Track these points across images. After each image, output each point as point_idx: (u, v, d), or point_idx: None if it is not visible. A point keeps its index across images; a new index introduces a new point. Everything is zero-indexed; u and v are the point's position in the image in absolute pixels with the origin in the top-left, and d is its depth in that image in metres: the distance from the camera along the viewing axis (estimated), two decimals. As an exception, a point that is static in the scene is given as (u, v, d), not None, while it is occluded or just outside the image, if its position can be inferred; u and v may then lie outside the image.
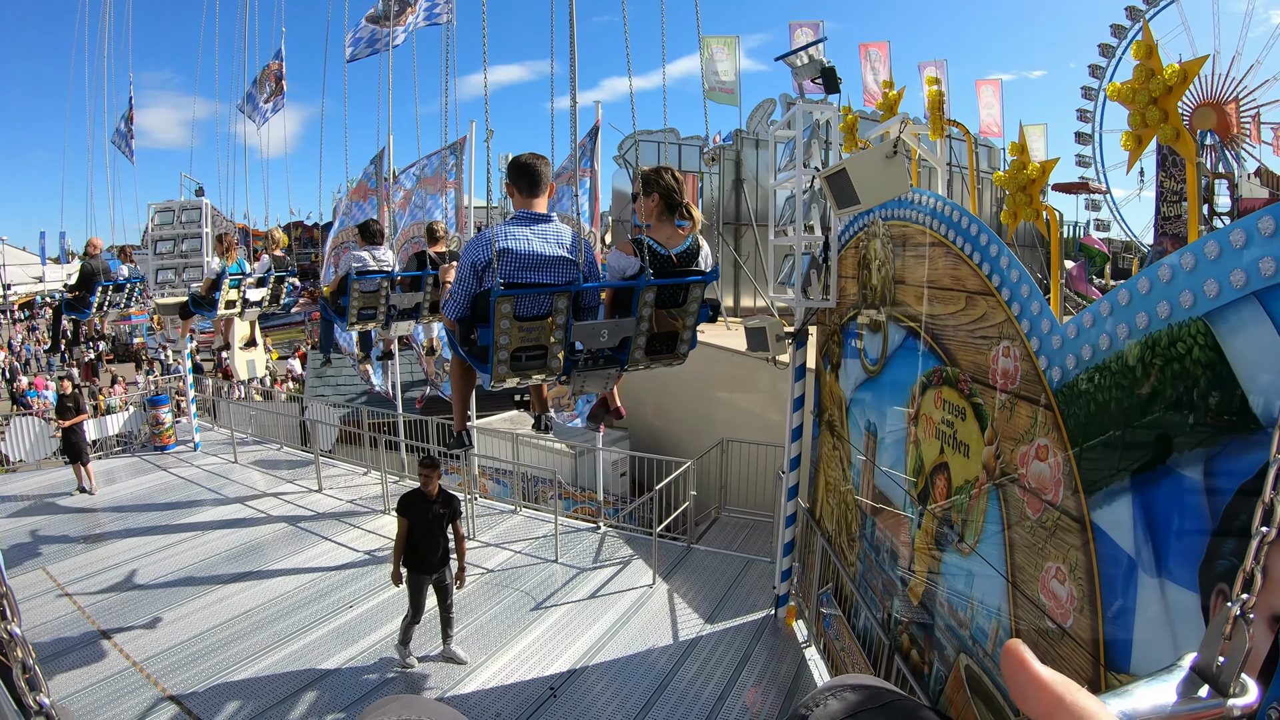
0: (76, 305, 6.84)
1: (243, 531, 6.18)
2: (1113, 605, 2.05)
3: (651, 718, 3.98)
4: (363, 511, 6.54)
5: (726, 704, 4.11)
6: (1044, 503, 2.36)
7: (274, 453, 8.19)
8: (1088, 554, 2.14)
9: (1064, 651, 2.27)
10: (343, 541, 5.97)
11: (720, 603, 5.10)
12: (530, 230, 2.46)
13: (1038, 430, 2.41)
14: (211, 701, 4.02)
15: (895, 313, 3.60)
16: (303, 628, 4.78)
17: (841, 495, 4.30)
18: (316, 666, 4.36)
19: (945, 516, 3.08)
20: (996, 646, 2.68)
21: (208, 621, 4.82)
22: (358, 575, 5.45)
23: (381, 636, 4.70)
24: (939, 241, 3.24)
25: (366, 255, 4.77)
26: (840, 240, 4.31)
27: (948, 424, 3.08)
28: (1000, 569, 2.65)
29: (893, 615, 3.58)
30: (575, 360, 2.61)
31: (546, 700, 4.12)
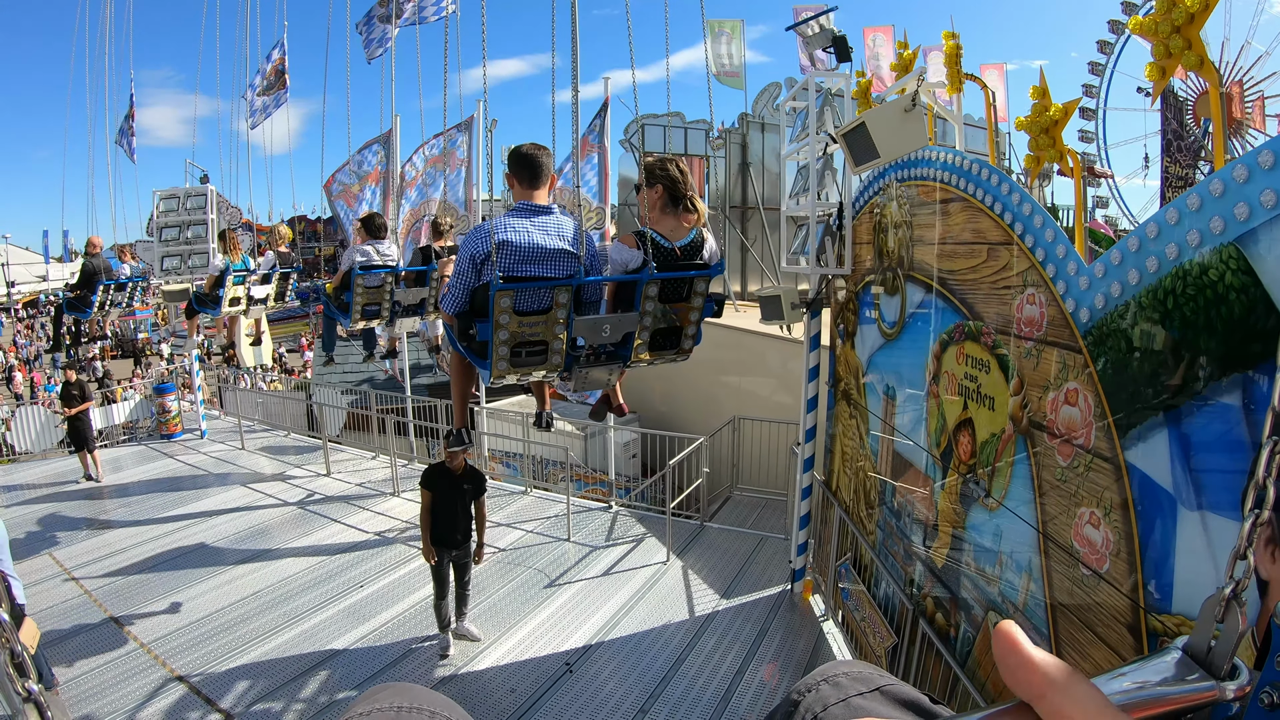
0: (78, 304, 6.80)
1: (250, 515, 6.13)
2: (1151, 545, 2.00)
3: (669, 692, 3.92)
4: (372, 494, 6.49)
5: (744, 678, 4.05)
6: (1075, 447, 2.31)
7: (281, 439, 8.14)
8: (1123, 495, 2.10)
9: (1100, 598, 2.22)
10: (352, 523, 5.91)
11: (735, 579, 5.04)
12: (531, 222, 2.40)
13: (1067, 374, 2.37)
14: (221, 682, 3.96)
15: (914, 273, 3.55)
16: (313, 607, 4.73)
17: (859, 464, 4.24)
18: (327, 645, 4.30)
19: (970, 473, 3.02)
20: (1028, 600, 2.62)
21: (216, 603, 4.77)
22: (368, 556, 5.40)
23: (393, 615, 4.64)
24: (958, 196, 3.19)
25: (370, 249, 4.67)
26: (854, 207, 4.26)
27: (970, 379, 3.03)
28: (1030, 520, 2.59)
29: (916, 580, 3.52)
30: (577, 356, 2.55)
31: (562, 676, 4.06)
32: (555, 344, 2.43)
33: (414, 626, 4.50)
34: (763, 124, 9.94)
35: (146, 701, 3.82)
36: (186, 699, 3.85)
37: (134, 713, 3.74)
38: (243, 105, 7.97)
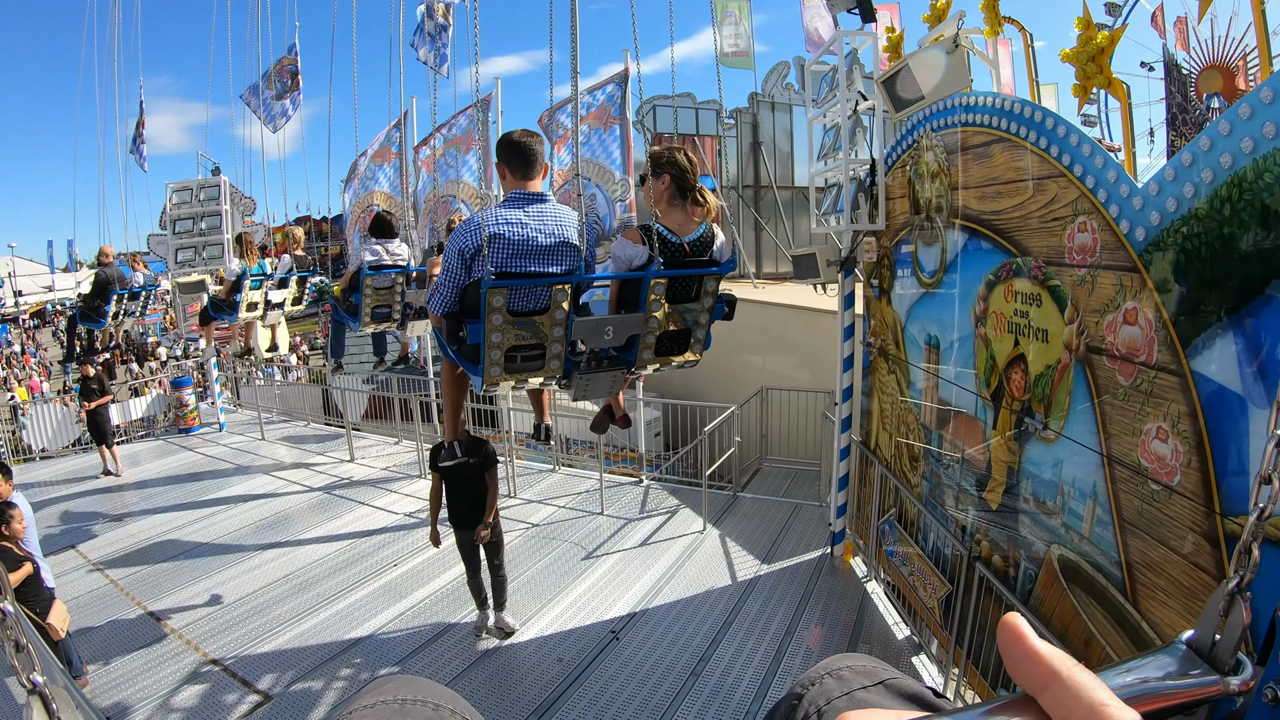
0: (92, 315, 6.71)
1: (275, 501, 6.06)
2: (1224, 448, 2.01)
3: (719, 654, 3.87)
4: (398, 477, 6.43)
5: (794, 638, 4.00)
6: (1137, 365, 2.32)
7: (301, 429, 8.07)
8: (1191, 404, 2.10)
9: (1173, 511, 2.19)
10: (381, 505, 5.85)
11: (774, 545, 4.99)
12: (524, 213, 2.24)
13: (1124, 295, 2.38)
14: (256, 664, 3.87)
15: (954, 220, 3.54)
16: (346, 588, 4.66)
17: (900, 418, 4.21)
18: (364, 624, 4.23)
19: (1025, 408, 3.00)
20: (1094, 528, 2.59)
21: (245, 588, 4.70)
22: (399, 536, 5.33)
23: (430, 592, 4.58)
24: (999, 138, 3.18)
25: (380, 249, 4.53)
26: (887, 163, 4.25)
27: (1021, 314, 3.02)
28: (1094, 445, 2.57)
29: (968, 527, 3.49)
30: (577, 361, 2.38)
31: (609, 643, 4.01)
32: (553, 347, 2.25)
33: (451, 603, 4.44)
34: (773, 103, 9.97)
35: (181, 686, 3.73)
36: (222, 681, 3.77)
37: (168, 697, 3.65)
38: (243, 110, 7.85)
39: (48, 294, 14.72)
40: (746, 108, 10.08)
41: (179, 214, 6.67)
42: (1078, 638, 2.67)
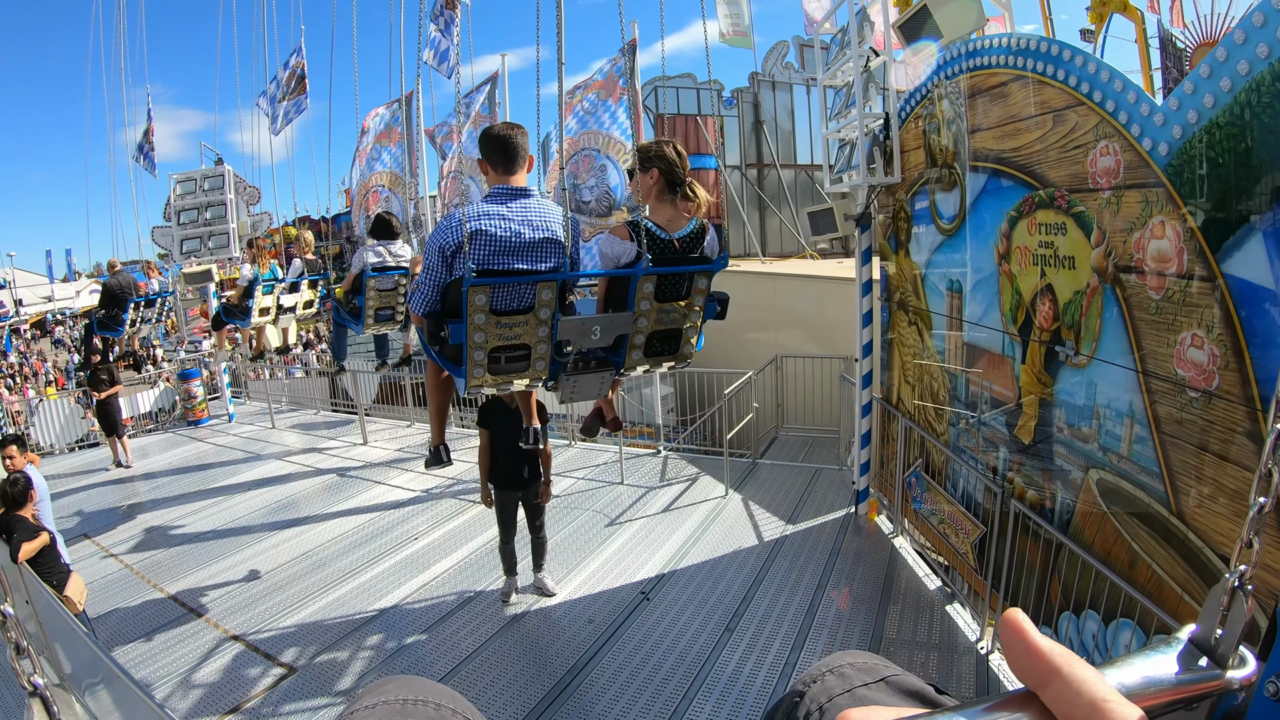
0: (109, 324, 6.64)
1: (289, 485, 5.99)
2: (1262, 345, 2.03)
3: (752, 611, 3.84)
4: (413, 457, 6.37)
5: (825, 592, 3.98)
6: (1167, 278, 2.36)
7: (311, 417, 8.00)
8: (1225, 308, 2.14)
9: (1214, 415, 2.21)
10: (398, 484, 5.79)
11: (797, 506, 4.97)
12: (507, 208, 2.16)
13: (1151, 211, 2.43)
14: (279, 638, 3.80)
15: (973, 162, 3.55)
16: (367, 562, 4.61)
17: (922, 369, 4.21)
18: (386, 596, 4.18)
19: (1055, 336, 3.01)
20: (1132, 445, 2.60)
21: (264, 566, 4.64)
22: (418, 511, 5.28)
23: (454, 563, 4.53)
24: (1016, 76, 3.21)
25: (383, 250, 4.52)
26: (900, 116, 4.27)
27: (1046, 245, 3.04)
28: (1128, 363, 2.58)
29: (999, 466, 3.48)
30: (564, 362, 2.31)
31: (640, 604, 3.97)
32: (539, 348, 2.18)
33: (475, 573, 4.39)
34: (773, 82, 10.03)
35: (202, 662, 3.64)
36: (245, 656, 3.68)
37: (189, 673, 3.55)
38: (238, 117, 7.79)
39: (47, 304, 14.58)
40: (747, 87, 10.17)
41: (183, 204, 6.62)
42: (1122, 560, 2.67)
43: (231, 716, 3.22)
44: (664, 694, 3.24)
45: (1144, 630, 2.56)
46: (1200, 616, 0.37)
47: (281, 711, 3.23)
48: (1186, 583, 2.36)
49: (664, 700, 3.19)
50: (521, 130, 2.28)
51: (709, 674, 3.34)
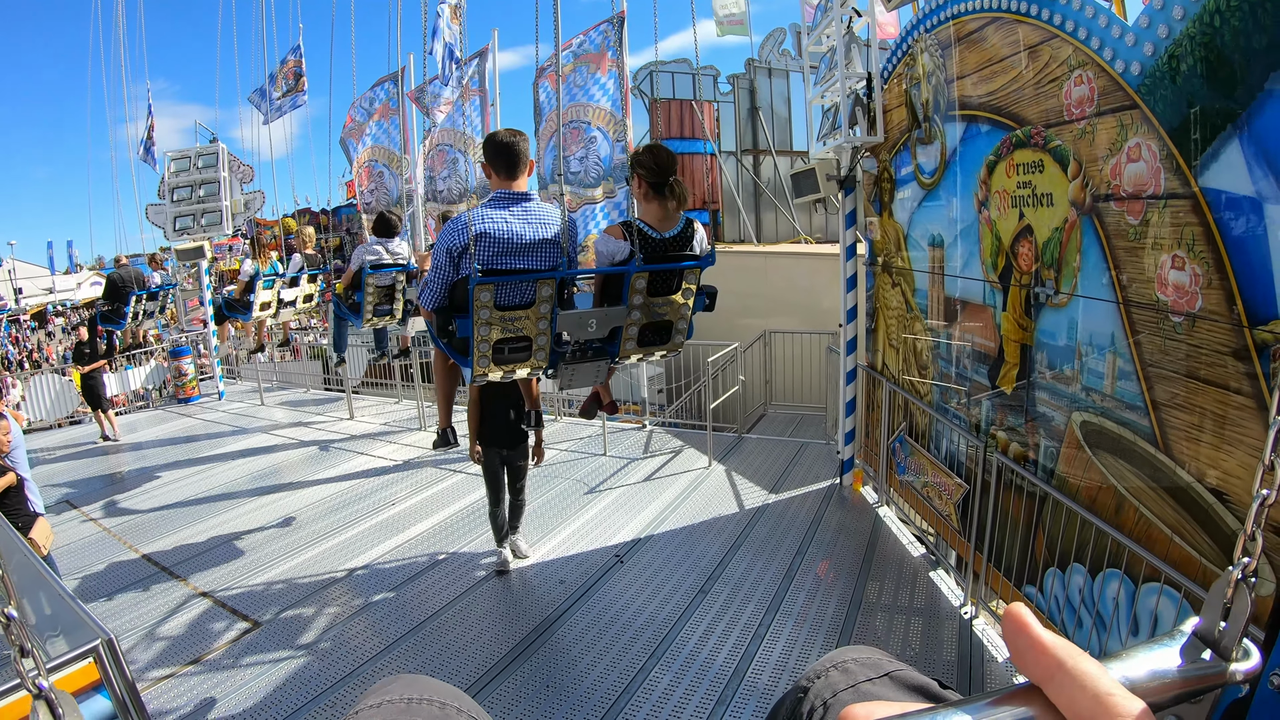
0: (112, 317, 6.73)
1: (273, 456, 5.96)
2: (1244, 257, 1.97)
3: (728, 574, 3.73)
4: (398, 430, 6.33)
5: (805, 558, 3.86)
6: (1145, 201, 2.30)
7: (301, 395, 8.00)
8: (1204, 222, 2.08)
9: (1199, 339, 2.11)
10: (380, 454, 5.74)
11: (781, 477, 4.85)
12: (509, 212, 2.32)
13: (1126, 134, 2.40)
14: (247, 596, 3.75)
15: (951, 112, 3.49)
16: (342, 525, 4.55)
17: (906, 331, 4.10)
18: (359, 556, 4.12)
19: (1035, 278, 2.91)
20: (1116, 382, 2.49)
21: (240, 528, 4.60)
22: (398, 479, 5.22)
23: (429, 526, 4.46)
24: (991, 19, 3.16)
25: (380, 249, 4.63)
26: (883, 76, 4.21)
27: (1024, 185, 2.97)
28: (1108, 295, 2.49)
29: (982, 422, 3.37)
30: (562, 352, 2.44)
31: (613, 566, 3.87)
32: (539, 340, 2.33)
33: (450, 535, 4.32)
34: (769, 69, 10.02)
35: (168, 617, 3.61)
36: (211, 611, 3.64)
37: (155, 627, 3.53)
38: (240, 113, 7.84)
39: (48, 295, 14.78)
40: (744, 73, 10.16)
41: (177, 182, 6.68)
42: (1108, 508, 2.55)
43: (191, 667, 3.17)
44: (630, 653, 3.13)
45: (1132, 579, 2.43)
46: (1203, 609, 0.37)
47: (241, 664, 3.18)
48: (1177, 524, 2.24)
49: (629, 659, 3.09)
50: (523, 137, 2.43)
51: (678, 636, 3.23)
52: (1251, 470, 1.93)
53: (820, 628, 3.23)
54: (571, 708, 2.82)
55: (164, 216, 6.74)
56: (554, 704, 2.84)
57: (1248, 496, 1.99)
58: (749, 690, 2.86)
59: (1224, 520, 2.06)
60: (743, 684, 2.90)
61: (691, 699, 2.83)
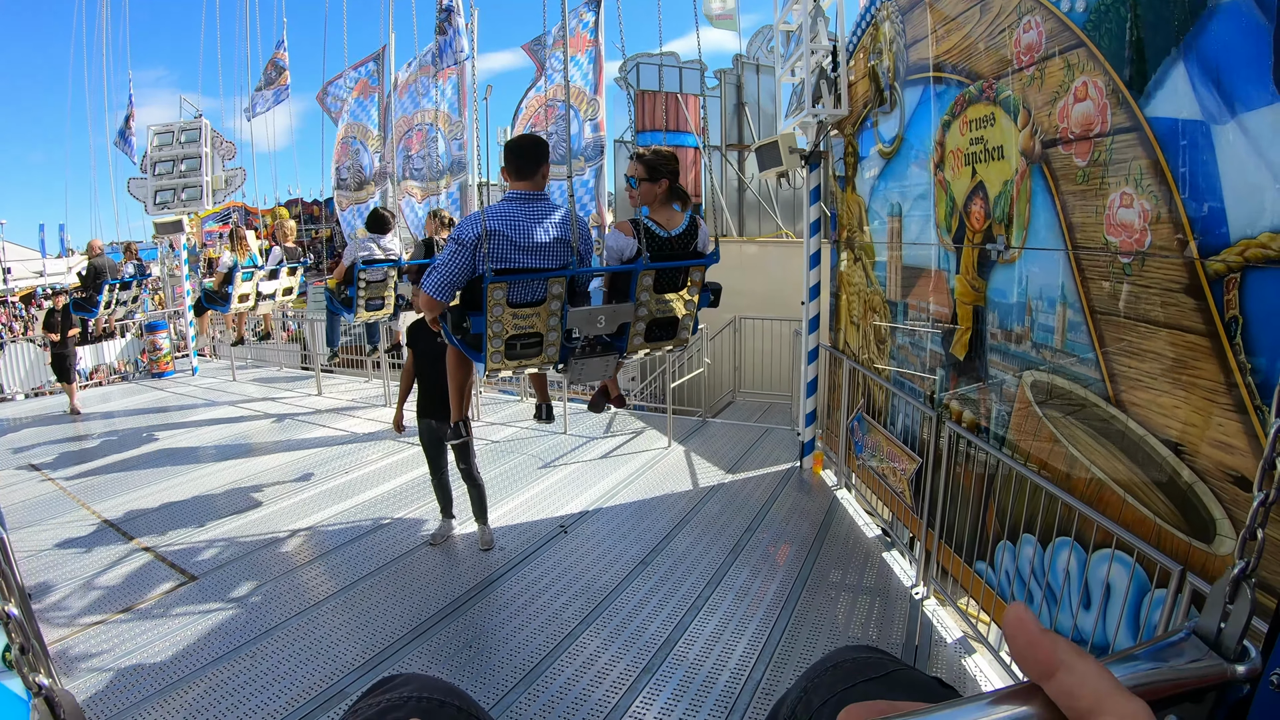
0: (84, 305, 6.76)
1: (237, 426, 5.91)
2: (1193, 186, 1.89)
3: (673, 547, 3.61)
4: (363, 406, 6.26)
5: (755, 534, 3.73)
6: (1093, 140, 2.24)
7: (274, 372, 7.95)
8: (1152, 154, 2.02)
9: (1149, 278, 2.04)
10: (342, 427, 5.67)
11: (741, 459, 4.74)
12: (523, 211, 2.38)
13: (1073, 74, 2.37)
14: (189, 551, 3.71)
15: (910, 76, 3.44)
16: (293, 490, 4.49)
17: (866, 306, 4.01)
18: (304, 519, 4.05)
19: (986, 235, 2.84)
20: (1066, 335, 2.41)
21: (193, 491, 4.54)
22: (357, 450, 5.15)
23: (377, 494, 4.38)
24: (949, -23, 3.13)
25: (373, 245, 4.67)
26: (848, 50, 4.18)
27: (977, 141, 2.91)
28: (1058, 243, 2.41)
29: (935, 393, 3.26)
30: (572, 348, 2.49)
31: (556, 536, 3.76)
32: (550, 335, 2.38)
33: (396, 503, 4.23)
34: (757, 65, 10.05)
35: (108, 568, 3.57)
36: (151, 565, 3.59)
37: (94, 578, 3.49)
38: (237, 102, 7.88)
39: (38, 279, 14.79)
40: (731, 69, 10.19)
41: (159, 156, 6.73)
42: (1058, 472, 2.44)
43: (122, 615, 3.13)
44: (561, 618, 3.02)
45: (1083, 546, 2.31)
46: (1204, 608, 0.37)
47: (170, 613, 3.13)
48: (1130, 483, 2.13)
49: (559, 624, 2.97)
50: (544, 143, 2.51)
51: (612, 604, 3.12)
52: (1206, 416, 1.84)
53: (761, 603, 3.10)
54: (493, 667, 2.71)
55: (145, 190, 6.78)
56: (475, 663, 2.73)
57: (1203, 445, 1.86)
58: (677, 660, 2.74)
59: (1178, 473, 1.95)
60: (671, 653, 2.78)
61: (618, 664, 2.72)
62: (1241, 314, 1.74)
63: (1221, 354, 1.80)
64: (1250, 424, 1.73)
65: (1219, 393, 1.82)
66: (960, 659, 2.80)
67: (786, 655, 2.73)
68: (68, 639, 2.98)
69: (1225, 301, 1.79)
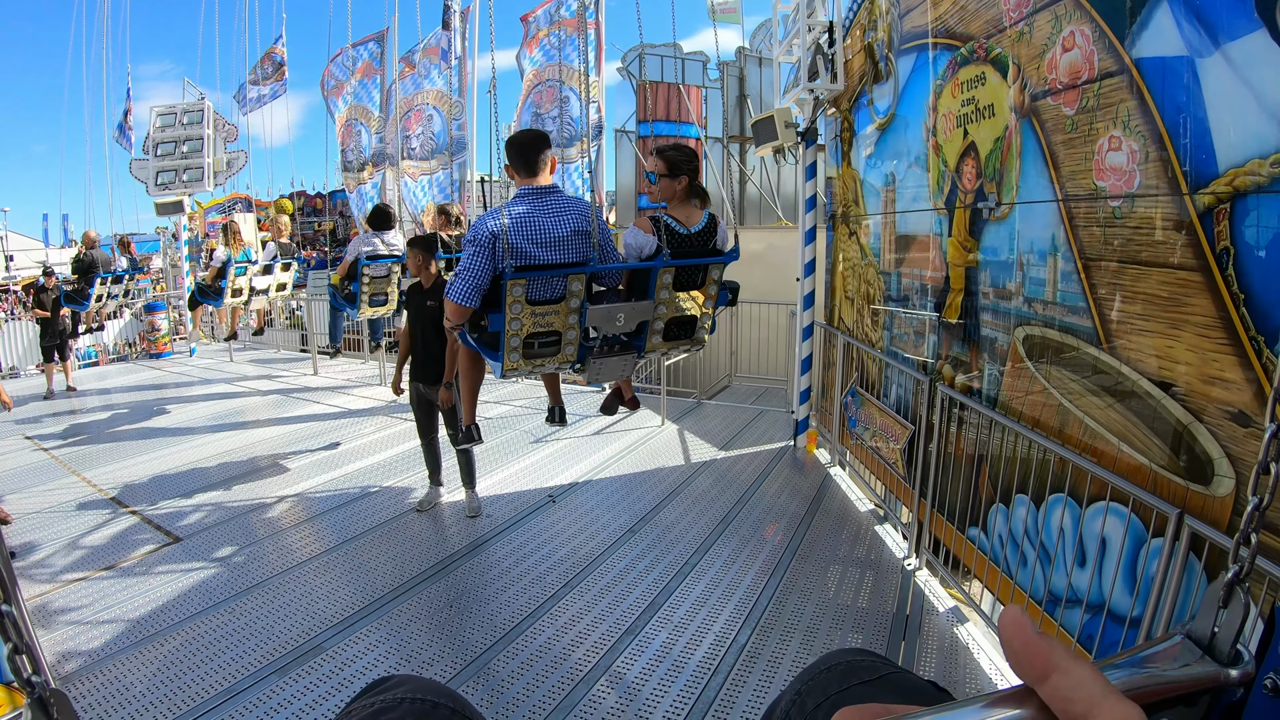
0: (75, 297, 6.78)
1: (231, 401, 5.90)
2: (1180, 121, 1.87)
3: (661, 518, 3.57)
4: (358, 385, 6.24)
5: (745, 507, 3.68)
6: (1080, 87, 2.22)
7: (272, 354, 7.95)
8: (1139, 94, 2.03)
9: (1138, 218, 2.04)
10: (336, 403, 5.65)
11: (734, 438, 4.69)
12: (536, 206, 2.32)
13: (1060, 24, 2.37)
14: (175, 514, 3.70)
15: (903, 45, 3.44)
16: (284, 460, 4.48)
17: (860, 279, 3.98)
18: (294, 486, 4.03)
19: (978, 194, 2.81)
20: (1059, 285, 2.38)
21: (184, 461, 4.52)
22: (348, 424, 5.12)
23: (368, 464, 4.35)
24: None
25: (377, 241, 4.67)
26: (844, 26, 4.18)
27: (969, 102, 2.90)
28: (1048, 194, 2.38)
29: (928, 359, 3.22)
30: (590, 347, 2.46)
31: (545, 505, 3.72)
32: (569, 334, 2.35)
33: (386, 472, 4.20)
34: (760, 58, 10.09)
35: (94, 529, 3.56)
36: (136, 527, 3.59)
37: (78, 538, 3.47)
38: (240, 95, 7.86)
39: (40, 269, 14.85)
40: (734, 61, 10.23)
41: (162, 137, 6.78)
42: (1051, 426, 2.40)
43: (104, 573, 3.12)
44: (545, 581, 2.98)
45: (1077, 501, 2.26)
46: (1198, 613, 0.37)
47: (153, 571, 3.12)
48: (1124, 430, 2.09)
49: (543, 587, 2.93)
50: (546, 137, 2.46)
51: (598, 569, 3.08)
52: (1200, 353, 1.81)
53: (749, 570, 3.05)
54: (473, 626, 2.66)
55: (147, 171, 6.83)
56: (455, 621, 2.69)
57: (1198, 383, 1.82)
58: (661, 623, 2.69)
59: (1171, 414, 1.91)
60: (655, 616, 2.73)
61: (599, 626, 2.67)
62: (1233, 244, 1.71)
63: (1214, 287, 1.77)
64: (1246, 356, 1.69)
65: (1213, 327, 1.78)
66: (952, 628, 2.74)
67: (773, 621, 2.68)
68: (48, 594, 2.96)
69: (1215, 234, 1.76)
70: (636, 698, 2.25)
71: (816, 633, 2.61)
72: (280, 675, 2.35)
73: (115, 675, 2.34)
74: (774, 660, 2.44)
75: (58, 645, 2.62)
